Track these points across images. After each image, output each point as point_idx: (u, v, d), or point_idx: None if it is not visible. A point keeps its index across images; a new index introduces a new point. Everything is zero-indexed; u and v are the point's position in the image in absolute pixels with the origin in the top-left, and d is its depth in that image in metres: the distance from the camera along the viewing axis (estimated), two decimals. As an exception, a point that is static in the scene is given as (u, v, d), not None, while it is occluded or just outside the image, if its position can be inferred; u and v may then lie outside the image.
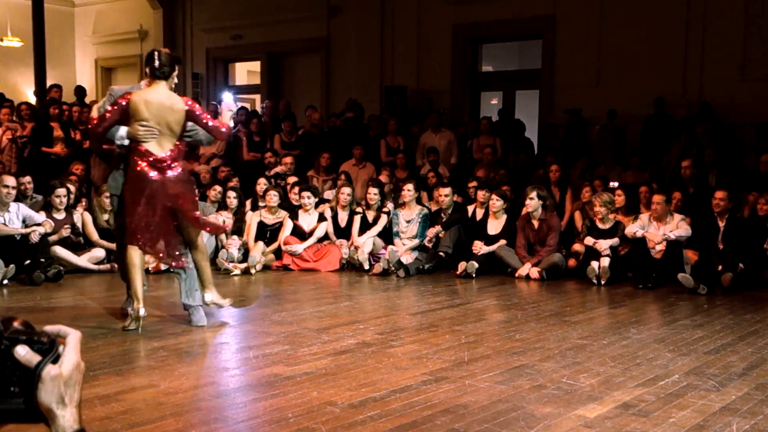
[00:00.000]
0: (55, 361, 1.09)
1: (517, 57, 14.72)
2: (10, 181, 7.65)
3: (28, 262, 7.30)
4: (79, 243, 8.25)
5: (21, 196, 8.07)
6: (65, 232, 7.99)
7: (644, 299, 7.14)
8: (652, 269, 7.72)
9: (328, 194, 10.13)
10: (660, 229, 7.99)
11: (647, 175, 9.92)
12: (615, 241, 8.11)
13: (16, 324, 1.10)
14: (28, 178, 8.44)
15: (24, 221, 7.66)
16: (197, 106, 5.45)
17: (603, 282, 7.83)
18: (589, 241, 8.18)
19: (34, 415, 1.08)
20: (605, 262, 7.92)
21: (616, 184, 9.43)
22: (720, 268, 7.46)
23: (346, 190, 9.18)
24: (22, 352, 1.07)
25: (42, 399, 1.08)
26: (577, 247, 8.48)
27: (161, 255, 5.44)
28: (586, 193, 9.08)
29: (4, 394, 1.06)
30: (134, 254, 5.31)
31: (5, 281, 7.14)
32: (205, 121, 5.37)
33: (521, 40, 13.85)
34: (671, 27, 11.33)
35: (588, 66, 12.05)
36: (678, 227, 7.94)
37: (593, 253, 8.08)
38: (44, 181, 8.97)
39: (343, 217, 9.09)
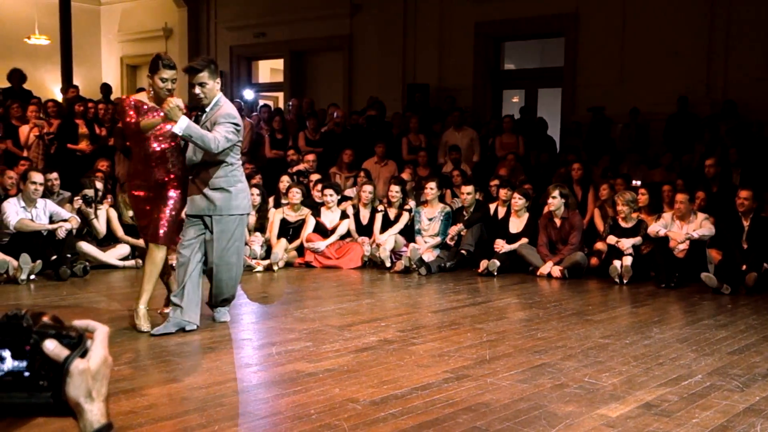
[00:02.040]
0: (83, 355, 1.10)
1: (539, 55, 14.66)
2: (38, 177, 7.74)
3: (54, 257, 7.40)
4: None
5: (48, 192, 8.17)
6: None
7: (667, 299, 7.09)
8: (675, 268, 7.66)
9: (350, 192, 10.15)
10: (683, 228, 7.94)
11: (675, 175, 9.85)
12: (638, 240, 8.07)
13: (45, 319, 1.11)
14: (54, 175, 8.55)
15: (51, 217, 7.76)
16: (127, 106, 5.25)
17: (625, 281, 7.79)
18: (611, 239, 8.14)
19: (62, 409, 1.09)
20: (628, 261, 7.88)
21: (639, 182, 9.37)
22: (744, 267, 7.40)
23: (368, 187, 9.20)
24: (51, 346, 1.08)
25: (70, 393, 1.08)
26: (600, 245, 8.44)
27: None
28: (604, 191, 9.04)
29: (34, 388, 1.08)
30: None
31: (32, 276, 7.23)
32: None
33: (543, 38, 13.79)
34: (695, 24, 11.23)
35: (611, 64, 11.98)
36: (701, 226, 7.88)
37: (616, 252, 8.04)
38: (70, 177, 9.08)
39: (364, 215, 9.12)
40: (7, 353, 1.07)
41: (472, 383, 4.04)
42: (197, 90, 5.16)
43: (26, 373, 1.07)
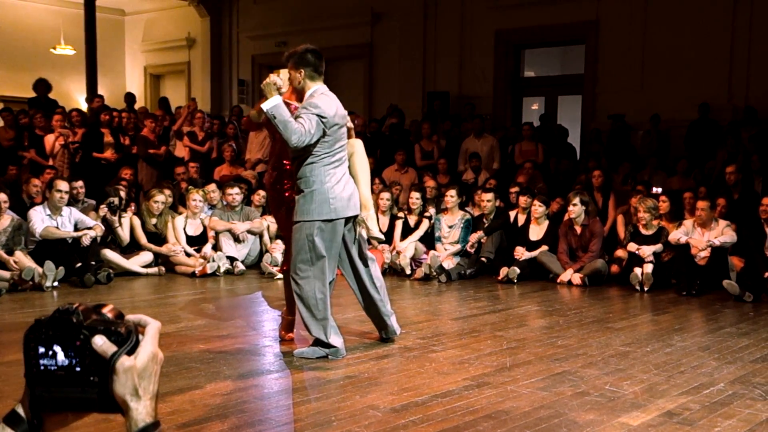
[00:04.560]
0: (131, 352, 1.09)
1: (559, 62, 14.64)
2: (63, 185, 7.85)
3: (79, 264, 7.49)
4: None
5: (73, 201, 8.29)
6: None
7: (688, 306, 7.05)
8: (697, 276, 7.62)
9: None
10: (704, 236, 7.89)
11: (692, 181, 9.80)
12: (658, 247, 8.03)
13: (105, 310, 1.12)
14: (80, 183, 8.67)
15: (76, 225, 7.87)
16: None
17: (646, 288, 7.76)
18: (632, 247, 8.11)
19: (110, 405, 1.09)
20: (648, 268, 7.85)
21: (659, 189, 9.33)
22: (766, 275, 7.34)
23: (385, 195, 9.23)
24: (99, 342, 1.08)
25: (117, 390, 1.08)
26: (620, 253, 8.41)
27: None
28: (634, 201, 8.99)
29: (85, 383, 1.08)
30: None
31: (56, 283, 7.33)
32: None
33: (564, 46, 13.78)
34: (716, 31, 11.16)
35: (631, 71, 11.94)
36: (723, 233, 7.83)
37: (636, 260, 8.01)
38: (95, 185, 9.20)
39: (383, 222, 9.14)
40: (58, 349, 1.08)
41: (492, 391, 4.05)
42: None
43: (77, 369, 1.08)
